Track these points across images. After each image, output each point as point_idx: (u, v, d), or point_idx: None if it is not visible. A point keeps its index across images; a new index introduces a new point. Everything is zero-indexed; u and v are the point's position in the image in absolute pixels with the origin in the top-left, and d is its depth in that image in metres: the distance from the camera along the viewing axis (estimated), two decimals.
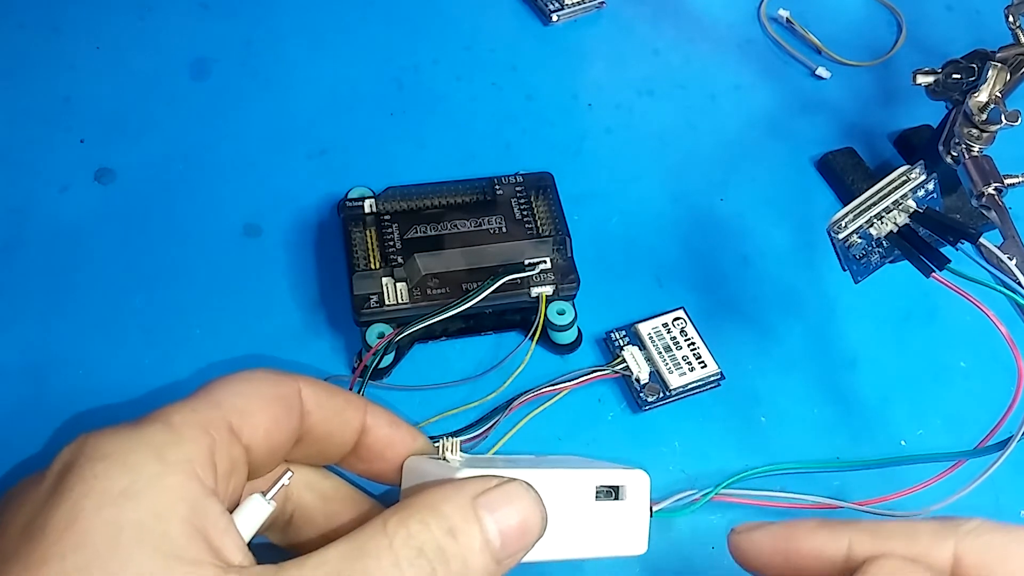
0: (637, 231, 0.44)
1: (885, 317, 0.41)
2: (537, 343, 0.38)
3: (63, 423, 0.35)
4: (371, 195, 0.39)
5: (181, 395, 0.25)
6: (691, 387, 0.37)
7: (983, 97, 0.38)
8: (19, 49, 0.48)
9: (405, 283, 0.37)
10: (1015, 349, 0.29)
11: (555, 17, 0.51)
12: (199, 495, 0.22)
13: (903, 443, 0.38)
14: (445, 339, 0.39)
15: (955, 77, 0.40)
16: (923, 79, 0.41)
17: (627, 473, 0.28)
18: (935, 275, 0.30)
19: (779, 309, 0.41)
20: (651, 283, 0.42)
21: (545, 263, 0.38)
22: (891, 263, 0.34)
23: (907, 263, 0.32)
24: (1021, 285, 0.31)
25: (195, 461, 0.23)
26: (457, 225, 0.38)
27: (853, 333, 0.41)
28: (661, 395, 0.37)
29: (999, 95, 0.38)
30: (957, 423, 0.38)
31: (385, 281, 0.37)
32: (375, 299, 0.37)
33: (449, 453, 0.28)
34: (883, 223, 0.32)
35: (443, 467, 0.27)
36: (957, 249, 0.31)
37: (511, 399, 0.36)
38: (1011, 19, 0.40)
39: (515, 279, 0.37)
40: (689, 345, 0.38)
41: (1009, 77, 0.39)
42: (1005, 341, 0.29)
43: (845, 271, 0.34)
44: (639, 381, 0.37)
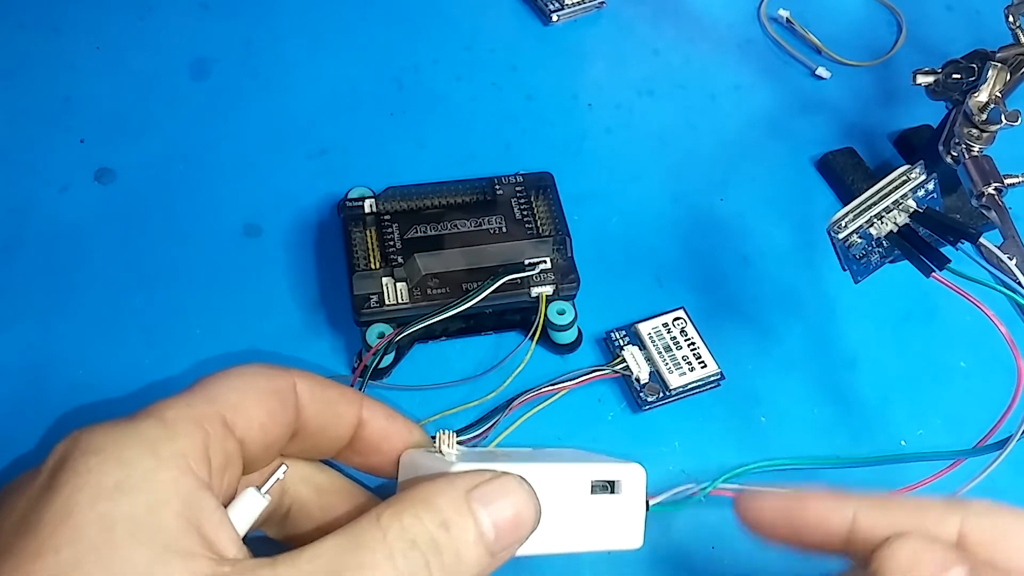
0: (637, 231, 0.44)
1: (885, 317, 0.41)
2: (537, 343, 0.38)
3: (63, 424, 0.35)
4: (371, 195, 0.39)
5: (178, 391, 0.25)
6: (691, 387, 0.37)
7: (983, 97, 0.38)
8: (19, 49, 0.48)
9: (405, 283, 0.37)
10: (1015, 349, 0.29)
11: (555, 17, 0.51)
12: (193, 489, 0.22)
13: (903, 443, 0.38)
14: (445, 339, 0.39)
15: (955, 77, 0.40)
16: (923, 79, 0.41)
17: (623, 467, 0.28)
18: (935, 275, 0.30)
19: (779, 309, 0.41)
20: (651, 283, 0.42)
21: (545, 263, 0.38)
22: (891, 263, 0.34)
23: (907, 263, 0.32)
24: (1021, 285, 0.31)
25: (189, 455, 0.23)
26: (457, 225, 0.38)
27: (853, 333, 0.41)
28: (661, 395, 0.37)
29: (999, 95, 0.38)
30: (957, 423, 0.38)
31: (385, 281, 0.37)
32: (375, 299, 0.37)
33: (445, 447, 0.28)
34: (883, 223, 0.32)
35: (439, 461, 0.27)
36: (957, 249, 0.31)
37: (511, 399, 0.36)
38: (1011, 19, 0.40)
39: (515, 279, 0.37)
40: (689, 345, 0.38)
41: (1009, 77, 0.39)
42: (1005, 341, 0.29)
43: (845, 271, 0.34)
44: (639, 381, 0.37)
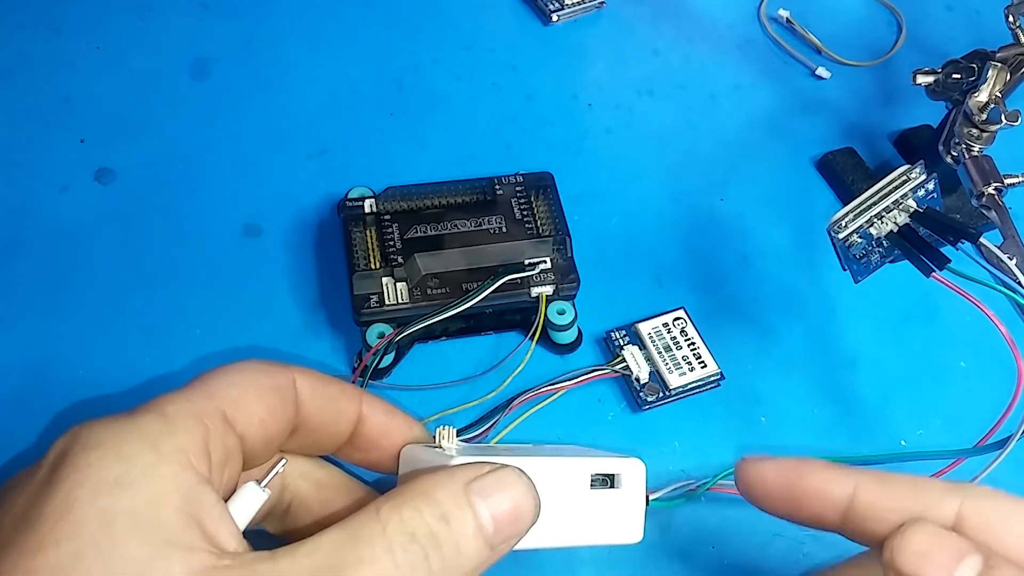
0: (637, 231, 0.44)
1: (885, 317, 0.41)
2: (537, 343, 0.38)
3: (63, 421, 0.35)
4: (371, 195, 0.39)
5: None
6: (691, 387, 0.37)
7: (983, 97, 0.38)
8: (19, 49, 0.48)
9: (405, 283, 0.37)
10: (1015, 349, 0.29)
11: (555, 17, 0.51)
12: (193, 484, 0.23)
13: (903, 443, 0.38)
14: (445, 339, 0.39)
15: (955, 77, 0.40)
16: (923, 79, 0.41)
17: (623, 461, 0.28)
18: (935, 275, 0.30)
19: (779, 309, 0.41)
20: (651, 283, 0.42)
21: (545, 263, 0.38)
22: (891, 263, 0.34)
23: (907, 263, 0.32)
24: (1021, 285, 0.31)
25: (189, 450, 0.23)
26: (457, 225, 0.38)
27: (853, 333, 0.41)
28: (661, 395, 0.37)
29: (999, 95, 0.38)
30: (957, 423, 0.38)
31: (385, 281, 0.37)
32: (375, 299, 0.37)
33: (445, 441, 0.28)
34: (883, 223, 0.32)
35: (439, 455, 0.27)
36: (957, 249, 0.31)
37: (511, 398, 0.36)
38: (1011, 19, 0.40)
39: (515, 279, 0.37)
40: (689, 345, 0.38)
41: (1009, 77, 0.39)
42: (1005, 341, 0.29)
43: (845, 271, 0.34)
44: (639, 381, 0.37)
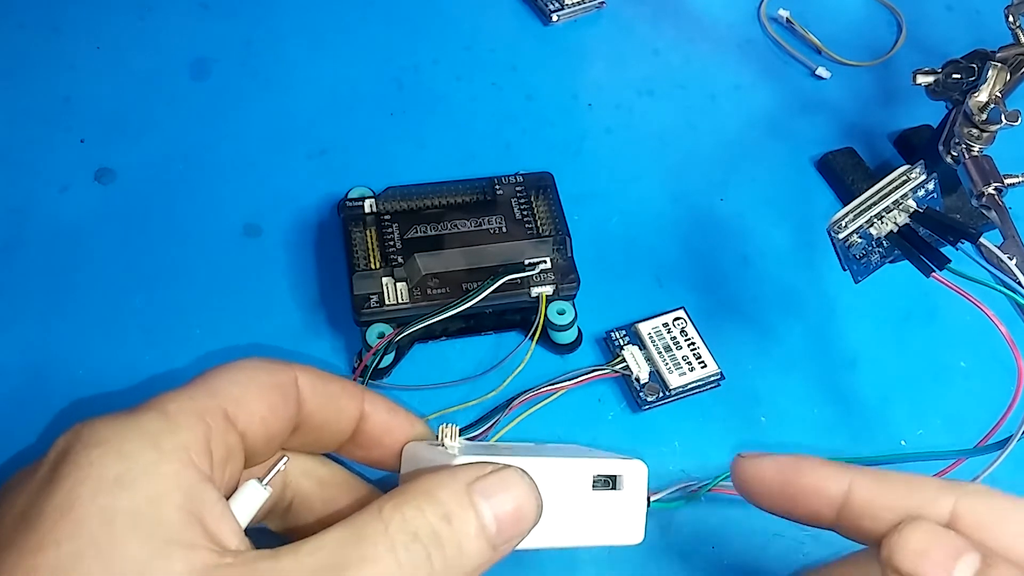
0: (637, 231, 0.44)
1: (885, 317, 0.41)
2: (537, 343, 0.38)
3: (63, 421, 0.35)
4: (371, 195, 0.39)
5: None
6: (691, 387, 0.37)
7: (983, 97, 0.38)
8: (19, 49, 0.48)
9: (405, 283, 0.37)
10: (1015, 349, 0.29)
11: (555, 17, 0.51)
12: (195, 482, 0.22)
13: (903, 443, 0.38)
14: (445, 339, 0.39)
15: (955, 77, 0.40)
16: (923, 79, 0.41)
17: (625, 463, 0.28)
18: (935, 275, 0.30)
19: (779, 309, 0.41)
20: (651, 283, 0.42)
21: (545, 263, 0.38)
22: (891, 263, 0.34)
23: (907, 263, 0.32)
24: (1021, 285, 0.31)
25: (191, 448, 0.23)
26: (457, 225, 0.38)
27: (853, 333, 0.41)
28: (661, 395, 0.37)
29: (999, 95, 0.38)
30: (957, 423, 0.38)
31: (385, 281, 0.37)
32: (375, 299, 0.37)
33: (448, 440, 0.28)
34: (883, 223, 0.32)
35: (441, 454, 0.27)
36: (957, 249, 0.31)
37: (511, 398, 0.36)
38: (1011, 19, 0.40)
39: (515, 279, 0.37)
40: (689, 345, 0.38)
41: (1009, 77, 0.39)
42: (1005, 341, 0.29)
43: (845, 271, 0.34)
44: (639, 381, 0.37)
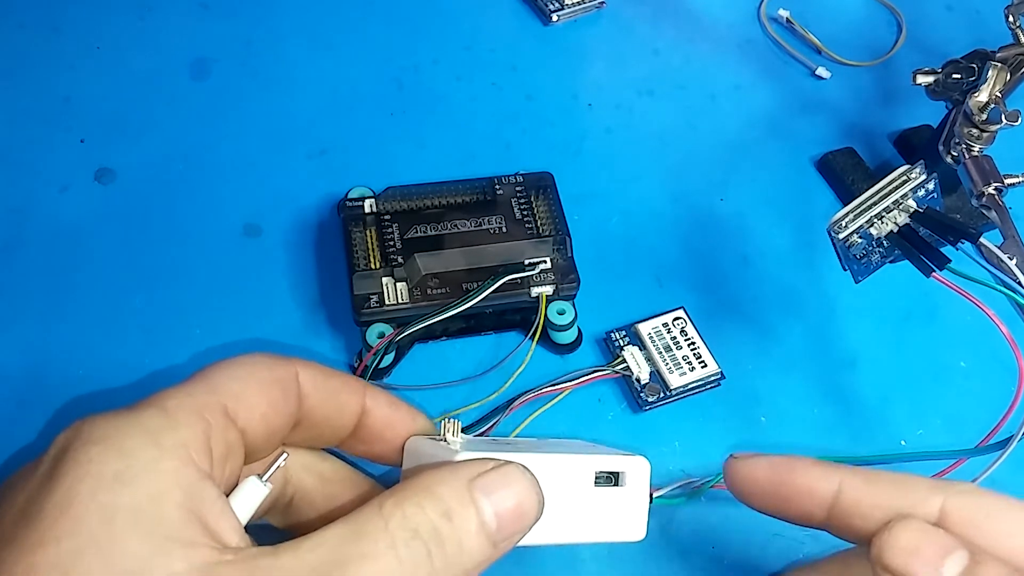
0: (637, 231, 0.44)
1: (885, 317, 0.41)
2: (537, 343, 0.38)
3: (63, 420, 0.35)
4: (371, 195, 0.39)
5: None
6: (691, 387, 0.37)
7: (983, 97, 0.38)
8: (19, 49, 0.48)
9: (405, 283, 0.37)
10: (1015, 349, 0.29)
11: (555, 17, 0.51)
12: (194, 479, 0.22)
13: (903, 443, 0.38)
14: (445, 339, 0.39)
15: (955, 77, 0.40)
16: (923, 79, 0.41)
17: (627, 459, 0.28)
18: (935, 275, 0.30)
19: (779, 309, 0.41)
20: (651, 283, 0.42)
21: (545, 263, 0.38)
22: (891, 263, 0.34)
23: (907, 263, 0.32)
24: (1021, 285, 0.31)
25: (190, 445, 0.23)
26: (457, 225, 0.38)
27: (853, 333, 0.41)
28: (661, 395, 0.37)
29: (999, 95, 0.38)
30: (957, 423, 0.38)
31: (385, 281, 0.37)
32: (375, 299, 0.37)
33: (449, 435, 0.28)
34: (883, 223, 0.32)
35: (443, 449, 0.27)
36: (957, 249, 0.31)
37: (511, 399, 0.36)
38: (1011, 19, 0.40)
39: (515, 279, 0.37)
40: (689, 345, 0.38)
41: (1009, 77, 0.39)
42: (1005, 341, 0.29)
43: (845, 271, 0.34)
44: (639, 381, 0.37)
